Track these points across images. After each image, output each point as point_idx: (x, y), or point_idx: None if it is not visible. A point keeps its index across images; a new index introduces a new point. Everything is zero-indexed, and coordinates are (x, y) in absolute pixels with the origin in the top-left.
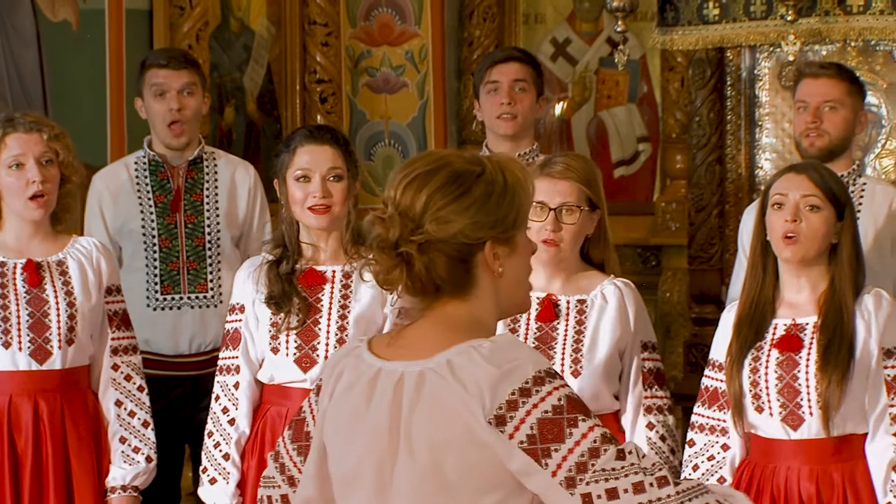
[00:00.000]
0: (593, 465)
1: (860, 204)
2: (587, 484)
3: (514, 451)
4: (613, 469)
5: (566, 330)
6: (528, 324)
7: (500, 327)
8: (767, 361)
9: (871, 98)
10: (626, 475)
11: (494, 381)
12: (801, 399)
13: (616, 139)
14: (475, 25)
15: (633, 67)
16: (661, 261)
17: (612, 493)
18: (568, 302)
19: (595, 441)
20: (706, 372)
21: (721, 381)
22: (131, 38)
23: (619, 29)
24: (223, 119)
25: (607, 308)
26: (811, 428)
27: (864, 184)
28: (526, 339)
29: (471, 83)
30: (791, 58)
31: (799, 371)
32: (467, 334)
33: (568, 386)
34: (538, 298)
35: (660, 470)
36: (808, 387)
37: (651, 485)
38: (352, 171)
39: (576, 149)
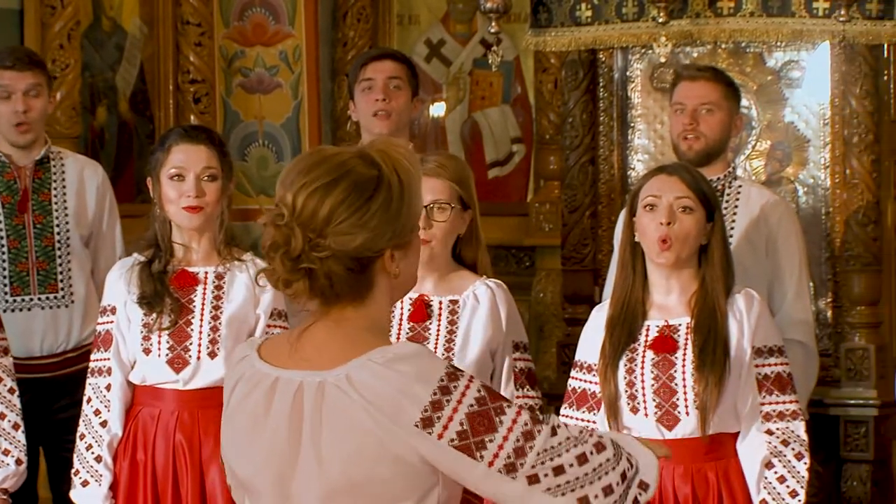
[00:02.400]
0: (531, 447)
1: (736, 206)
2: (532, 466)
3: (445, 450)
4: (553, 447)
5: (438, 330)
6: (400, 324)
7: None
8: (643, 363)
9: (742, 100)
10: (567, 450)
11: (405, 386)
12: (678, 399)
13: (490, 140)
14: (349, 26)
15: (506, 69)
16: (534, 261)
17: (559, 470)
18: (440, 302)
19: (526, 424)
20: (573, 373)
21: (589, 382)
22: (1, 36)
23: (492, 30)
24: (95, 119)
25: (479, 308)
26: (686, 428)
27: (740, 186)
28: (398, 339)
29: (345, 84)
30: (663, 59)
31: (675, 372)
32: (364, 340)
33: (475, 377)
34: (411, 299)
35: (590, 435)
36: (684, 387)
37: (591, 452)
38: (226, 171)
39: (450, 149)
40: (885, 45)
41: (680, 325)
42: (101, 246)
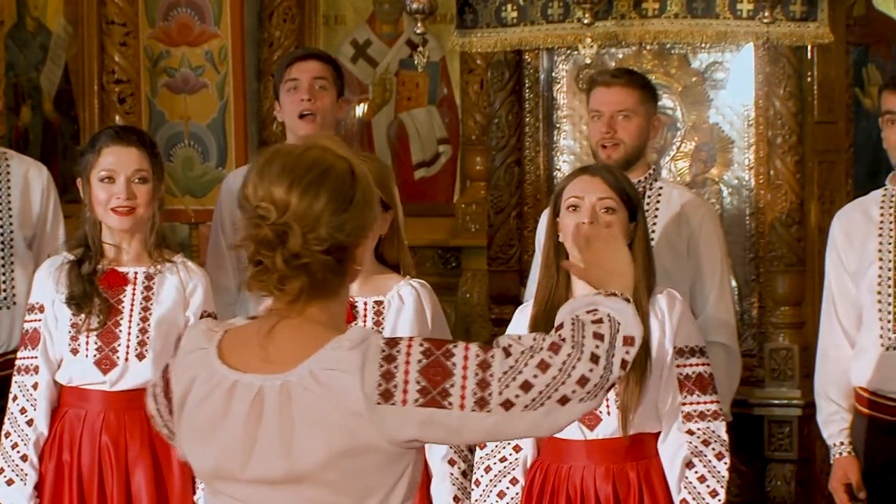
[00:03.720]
0: (491, 375)
1: (657, 208)
2: (500, 394)
3: (414, 412)
4: (511, 367)
5: None
6: None
7: None
8: None
9: (666, 101)
10: (525, 364)
11: (357, 370)
12: None
13: (416, 141)
14: (275, 26)
15: (432, 69)
16: (461, 262)
17: (526, 386)
18: (365, 303)
19: (478, 355)
20: None
21: None
22: None
23: (418, 31)
24: (19, 119)
25: (404, 309)
26: (608, 428)
27: (661, 188)
28: None
29: (271, 84)
30: (588, 60)
31: None
32: (323, 336)
33: (415, 336)
34: None
35: (543, 339)
36: None
37: (550, 357)
38: (157, 173)
39: (376, 150)
40: (809, 47)
41: None
42: (44, 248)
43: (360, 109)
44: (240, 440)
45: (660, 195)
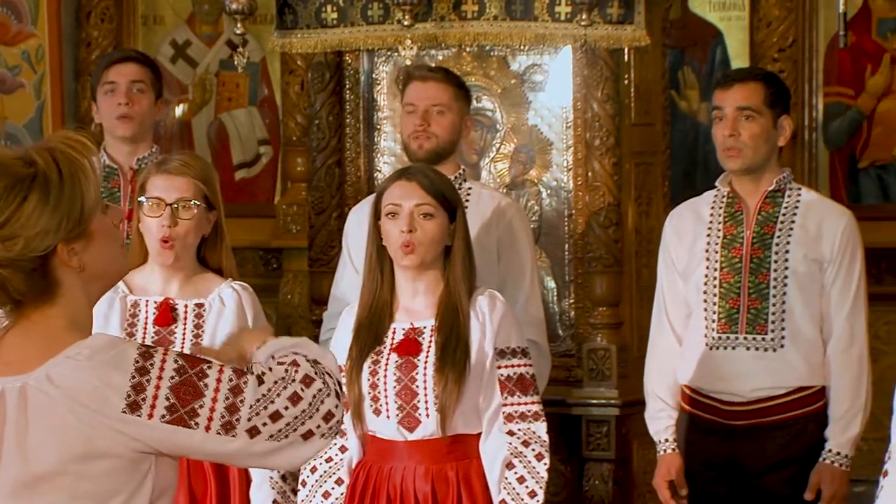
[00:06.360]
0: (242, 401)
1: (466, 209)
2: (248, 420)
3: (158, 428)
4: (264, 395)
5: (184, 334)
6: (145, 328)
7: (118, 334)
8: (387, 365)
9: (486, 103)
10: (277, 394)
11: (104, 377)
12: (419, 401)
13: (237, 141)
14: (93, 26)
15: (253, 70)
16: (282, 263)
17: (275, 416)
18: (186, 305)
19: (231, 380)
20: None
21: None
22: None
23: (238, 31)
24: None
25: (225, 311)
26: (427, 429)
27: (470, 188)
28: (143, 342)
29: (89, 84)
30: (408, 62)
31: (417, 373)
32: (62, 340)
33: (170, 349)
34: (156, 302)
35: (296, 371)
36: (425, 389)
37: (302, 390)
38: None
39: (197, 150)
40: (626, 50)
41: (425, 327)
42: None
43: (180, 110)
44: None
45: (469, 195)
